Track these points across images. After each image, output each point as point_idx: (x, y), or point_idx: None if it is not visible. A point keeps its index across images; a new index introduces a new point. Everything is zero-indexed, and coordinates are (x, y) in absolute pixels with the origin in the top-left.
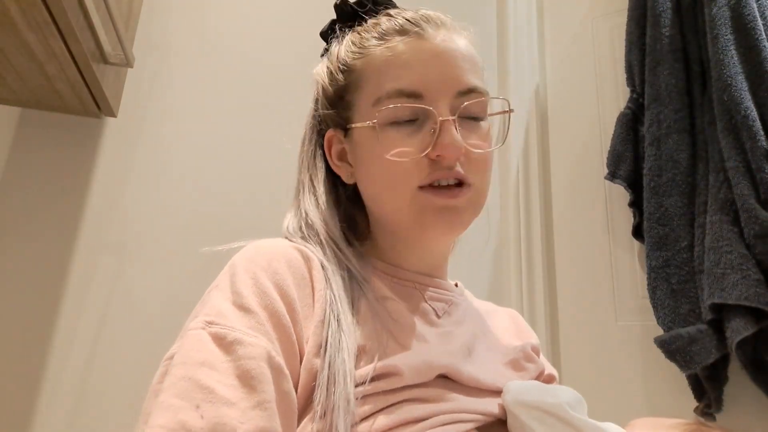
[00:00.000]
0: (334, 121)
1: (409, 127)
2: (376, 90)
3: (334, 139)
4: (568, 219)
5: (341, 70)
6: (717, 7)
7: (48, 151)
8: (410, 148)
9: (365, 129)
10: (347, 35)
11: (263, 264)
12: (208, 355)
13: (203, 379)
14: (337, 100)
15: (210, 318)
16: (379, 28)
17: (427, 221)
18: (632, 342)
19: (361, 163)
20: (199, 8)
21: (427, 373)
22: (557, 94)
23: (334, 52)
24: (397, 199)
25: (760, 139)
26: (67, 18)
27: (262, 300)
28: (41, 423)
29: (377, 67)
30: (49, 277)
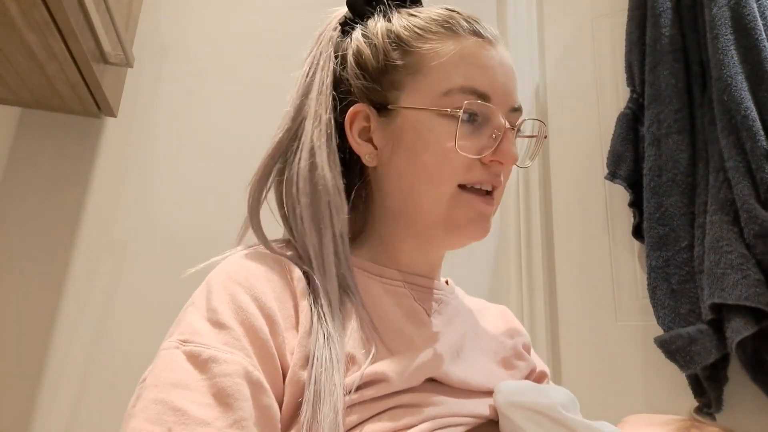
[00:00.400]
0: (367, 96)
1: (469, 126)
2: (445, 81)
3: (360, 115)
4: (568, 219)
5: (395, 46)
6: (717, 7)
7: (48, 151)
8: (470, 145)
9: (422, 113)
10: (395, 13)
11: (240, 279)
12: (182, 375)
13: (176, 401)
14: (380, 75)
15: (184, 336)
16: (449, 22)
17: (461, 223)
18: (632, 342)
19: (401, 147)
20: (199, 8)
21: (415, 377)
22: (557, 94)
23: (381, 25)
24: (437, 192)
25: (760, 139)
26: (67, 18)
27: (238, 315)
28: (41, 423)
29: (449, 59)
30: (49, 276)
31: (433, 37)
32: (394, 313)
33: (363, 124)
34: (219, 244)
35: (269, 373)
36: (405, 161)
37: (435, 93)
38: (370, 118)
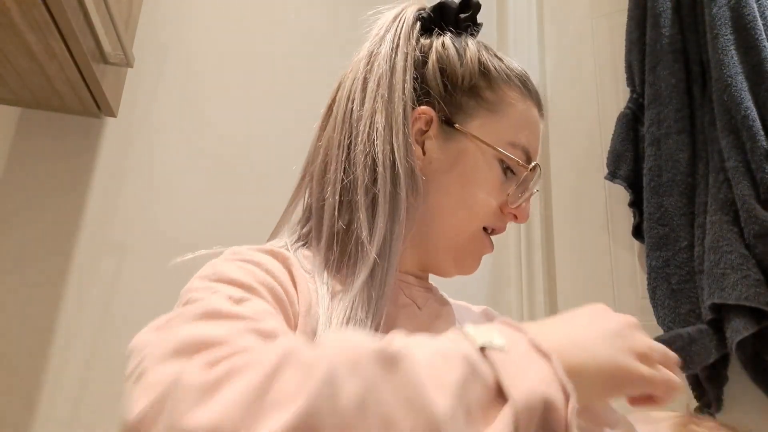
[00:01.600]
0: (440, 105)
1: (506, 177)
2: (514, 133)
3: (424, 118)
4: (568, 219)
5: (482, 74)
6: (717, 7)
7: (48, 151)
8: (503, 196)
9: (488, 150)
10: (480, 45)
11: (244, 256)
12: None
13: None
14: (461, 95)
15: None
16: (523, 79)
17: (469, 258)
18: None
19: (457, 169)
20: (198, 8)
21: None
22: (557, 94)
23: (474, 49)
24: (466, 225)
25: (760, 139)
26: (67, 18)
27: (256, 277)
28: (41, 423)
29: (521, 116)
30: (49, 276)
31: (514, 88)
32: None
33: (422, 127)
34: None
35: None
36: (453, 185)
37: (503, 139)
38: (431, 125)
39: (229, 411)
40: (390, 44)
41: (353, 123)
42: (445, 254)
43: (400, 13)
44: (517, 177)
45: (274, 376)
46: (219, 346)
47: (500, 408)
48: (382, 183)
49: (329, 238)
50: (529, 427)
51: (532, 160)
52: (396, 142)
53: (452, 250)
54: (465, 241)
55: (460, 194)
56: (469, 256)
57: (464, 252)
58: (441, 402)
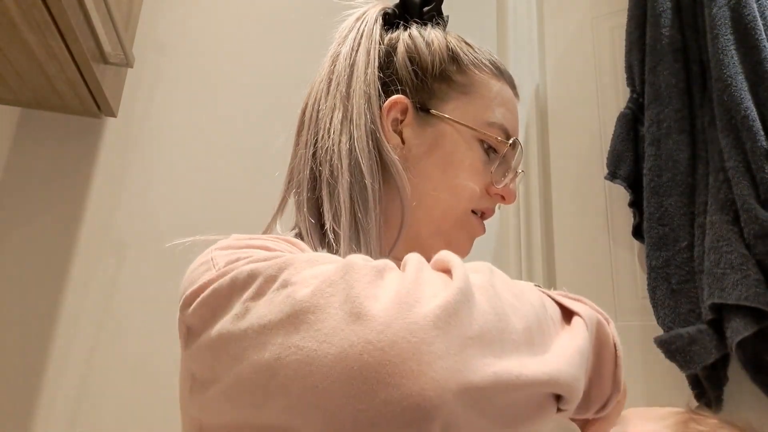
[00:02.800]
0: (412, 93)
1: (489, 157)
2: (491, 113)
3: (398, 107)
4: (568, 219)
5: (452, 62)
6: (717, 7)
7: (48, 151)
8: (487, 177)
9: (460, 130)
10: (442, 28)
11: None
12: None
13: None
14: (432, 81)
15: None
16: (495, 64)
17: (459, 238)
18: (632, 342)
19: (436, 153)
20: (198, 8)
21: None
22: (557, 94)
23: (440, 36)
24: (451, 207)
25: (760, 139)
26: (67, 18)
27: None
28: (41, 423)
29: (496, 96)
30: (49, 277)
31: (485, 70)
32: None
33: (397, 116)
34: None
35: None
36: (433, 168)
37: (480, 119)
38: (407, 113)
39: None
40: (351, 43)
41: (318, 122)
42: (436, 239)
43: (363, 14)
44: (499, 156)
45: (421, 271)
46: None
47: (568, 323)
48: (340, 174)
49: (308, 235)
50: (593, 335)
51: (511, 137)
52: (356, 132)
53: (442, 234)
54: (453, 225)
55: (441, 177)
56: (459, 239)
57: (454, 235)
58: (534, 298)
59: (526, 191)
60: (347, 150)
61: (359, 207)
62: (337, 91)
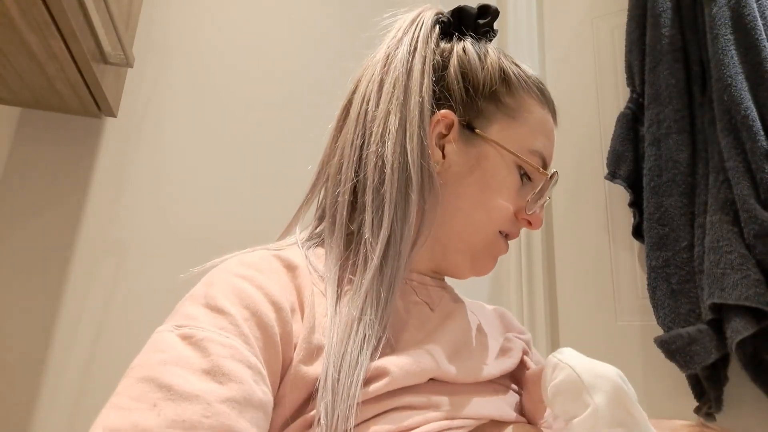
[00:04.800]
0: (461, 108)
1: (523, 183)
2: (533, 140)
3: (444, 121)
4: (568, 219)
5: (503, 80)
6: (717, 7)
7: (48, 151)
8: (520, 202)
9: (505, 154)
10: (500, 51)
11: (242, 273)
12: (173, 353)
13: (163, 378)
14: (482, 100)
15: (179, 322)
16: (539, 87)
17: (483, 262)
18: (632, 342)
19: (477, 173)
20: (199, 8)
21: (417, 375)
22: (557, 94)
23: (494, 55)
24: (483, 229)
25: (760, 139)
26: (67, 18)
27: (241, 301)
28: (41, 423)
29: (539, 123)
30: (49, 277)
31: (533, 95)
32: (397, 308)
33: (442, 131)
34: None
35: (269, 362)
36: (472, 188)
37: (523, 145)
38: (452, 129)
39: None
40: (407, 47)
41: (367, 124)
42: (462, 256)
43: (418, 17)
44: (533, 184)
45: None
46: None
47: None
48: (390, 184)
49: (340, 239)
50: None
51: (548, 167)
52: (410, 145)
53: (469, 252)
54: (482, 244)
55: (478, 198)
56: (485, 258)
57: (480, 254)
58: None
59: None
60: (400, 163)
61: (398, 224)
62: (392, 96)
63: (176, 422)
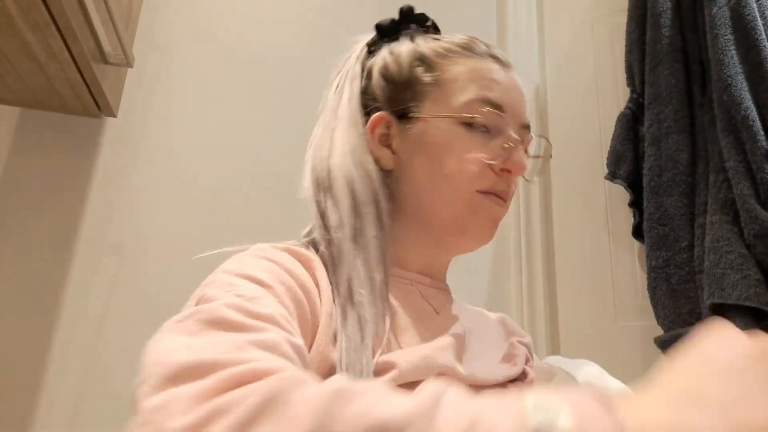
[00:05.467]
0: (390, 105)
1: (482, 136)
2: (464, 92)
3: (381, 122)
4: (568, 219)
5: (421, 62)
6: (717, 7)
7: (48, 151)
8: (483, 154)
9: (441, 122)
10: (419, 35)
11: (268, 255)
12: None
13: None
14: (404, 87)
15: (225, 289)
16: (465, 44)
17: (472, 223)
18: (632, 342)
19: (421, 153)
20: (199, 8)
21: (426, 370)
22: (557, 94)
23: (407, 45)
24: (455, 194)
25: (760, 139)
26: (67, 18)
27: (277, 277)
28: (41, 423)
29: (468, 74)
30: (49, 277)
31: (453, 55)
32: (403, 309)
33: (383, 131)
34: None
35: (305, 336)
36: (424, 166)
37: (454, 103)
38: (390, 125)
39: None
40: (337, 82)
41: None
42: (447, 232)
43: (349, 57)
44: (495, 131)
45: (252, 424)
46: (212, 374)
47: None
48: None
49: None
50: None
51: (499, 105)
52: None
53: (455, 223)
54: (462, 209)
55: (432, 170)
56: (476, 222)
57: (468, 219)
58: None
59: (526, 191)
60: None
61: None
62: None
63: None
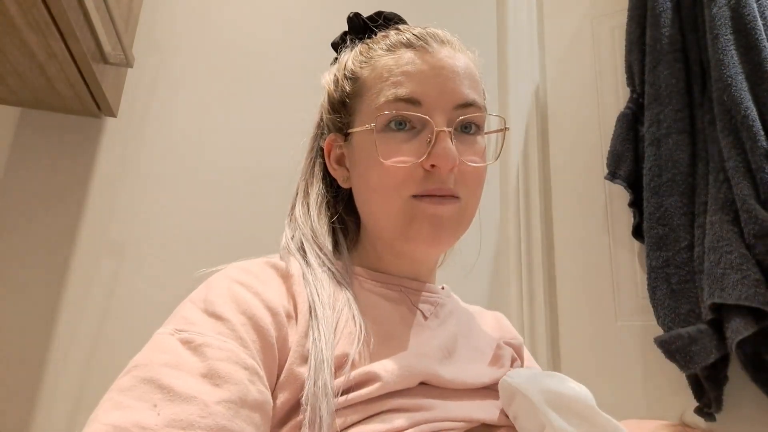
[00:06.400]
0: (336, 126)
1: (405, 135)
2: (377, 96)
3: (334, 144)
4: (568, 219)
5: (348, 78)
6: (717, 7)
7: (48, 151)
8: (405, 155)
9: (364, 133)
10: (357, 46)
11: (241, 279)
12: (173, 356)
13: (164, 379)
14: (340, 106)
15: (179, 326)
16: (387, 41)
17: (414, 230)
18: (632, 342)
19: (356, 166)
20: (199, 8)
21: (408, 378)
22: (557, 94)
23: (343, 61)
24: (388, 204)
25: (760, 139)
26: (67, 18)
27: (239, 306)
28: (41, 423)
29: (380, 74)
30: (49, 277)
31: (373, 59)
32: (390, 316)
33: (338, 151)
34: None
35: (267, 363)
36: (358, 179)
37: (371, 111)
38: (341, 146)
39: None
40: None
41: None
42: (396, 241)
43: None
44: (419, 128)
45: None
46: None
47: None
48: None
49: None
50: None
51: (413, 99)
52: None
53: (397, 232)
54: (400, 219)
55: (363, 185)
56: (416, 229)
57: (406, 227)
58: None
59: (526, 191)
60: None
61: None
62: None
63: (175, 421)
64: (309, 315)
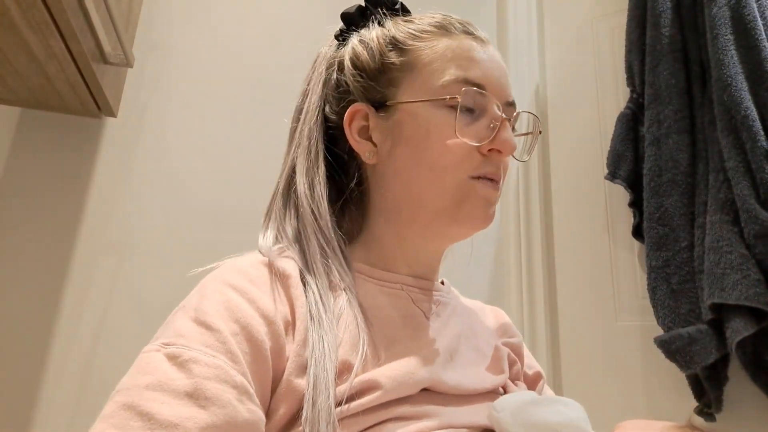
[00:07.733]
0: (365, 95)
1: (465, 117)
2: (441, 73)
3: (358, 114)
4: (568, 219)
5: (392, 48)
6: (717, 7)
7: (48, 151)
8: (468, 137)
9: (419, 106)
10: (388, 19)
11: (235, 283)
12: (157, 376)
13: (144, 405)
14: (377, 75)
15: (168, 339)
16: (439, 24)
17: (465, 210)
18: (632, 342)
19: (401, 141)
20: (199, 8)
21: (409, 386)
22: (557, 94)
23: (377, 30)
24: (442, 181)
25: (760, 139)
26: (67, 18)
27: (231, 314)
28: (41, 423)
29: (444, 53)
30: (49, 277)
31: (427, 36)
32: (392, 317)
33: (362, 123)
34: (218, 245)
35: (259, 376)
36: (406, 154)
37: (432, 86)
38: (368, 117)
39: None
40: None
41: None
42: (439, 221)
43: (317, 56)
44: (481, 111)
45: None
46: None
47: None
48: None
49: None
50: None
51: (480, 84)
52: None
53: (443, 212)
54: (455, 198)
55: (413, 161)
56: (470, 209)
57: (457, 208)
58: None
59: (526, 191)
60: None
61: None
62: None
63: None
64: (308, 320)
